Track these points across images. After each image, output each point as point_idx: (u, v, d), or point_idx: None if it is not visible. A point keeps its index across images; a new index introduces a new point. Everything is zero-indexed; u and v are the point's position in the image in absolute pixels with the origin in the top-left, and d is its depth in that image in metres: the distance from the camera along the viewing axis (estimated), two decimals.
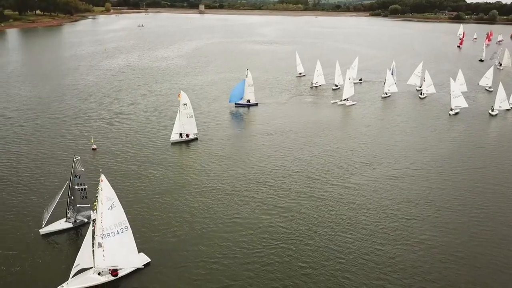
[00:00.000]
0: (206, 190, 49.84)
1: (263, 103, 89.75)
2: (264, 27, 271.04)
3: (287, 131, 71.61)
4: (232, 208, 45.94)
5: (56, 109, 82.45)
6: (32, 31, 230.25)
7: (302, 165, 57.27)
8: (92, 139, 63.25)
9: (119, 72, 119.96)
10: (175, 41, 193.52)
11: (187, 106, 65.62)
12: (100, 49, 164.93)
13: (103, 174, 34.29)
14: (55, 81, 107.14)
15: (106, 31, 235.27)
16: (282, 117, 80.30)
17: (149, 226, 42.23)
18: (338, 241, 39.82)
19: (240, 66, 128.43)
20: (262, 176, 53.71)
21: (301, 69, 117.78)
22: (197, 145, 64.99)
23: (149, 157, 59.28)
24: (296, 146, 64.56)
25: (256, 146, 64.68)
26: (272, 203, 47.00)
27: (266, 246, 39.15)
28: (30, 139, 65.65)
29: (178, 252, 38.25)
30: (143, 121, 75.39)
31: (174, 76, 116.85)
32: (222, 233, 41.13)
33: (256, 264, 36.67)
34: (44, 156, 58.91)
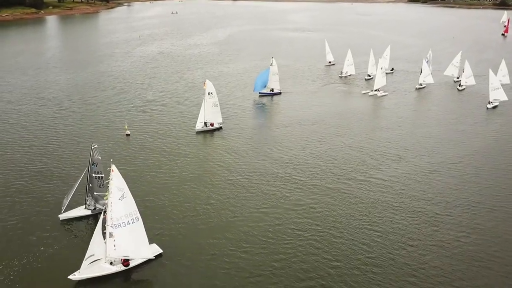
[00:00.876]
0: (227, 181, 49.86)
1: (288, 92, 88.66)
2: (296, 14, 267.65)
3: (313, 121, 70.71)
4: (254, 200, 45.72)
5: (91, 95, 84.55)
6: (70, 18, 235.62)
7: (328, 157, 56.57)
8: (126, 125, 64.71)
9: (152, 59, 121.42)
10: (208, 28, 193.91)
11: (213, 95, 65.54)
12: (135, 36, 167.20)
13: (114, 164, 34.21)
14: (91, 68, 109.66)
15: (141, 18, 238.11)
16: (308, 107, 79.18)
17: (165, 216, 42.48)
18: (366, 236, 39.38)
19: (271, 54, 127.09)
20: (286, 168, 53.35)
21: (331, 58, 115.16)
22: (221, 135, 64.96)
23: (174, 146, 59.92)
24: (322, 137, 63.76)
25: (281, 137, 64.12)
26: (297, 195, 46.68)
27: (289, 239, 38.98)
28: (65, 125, 67.71)
29: (192, 244, 38.10)
30: (173, 109, 76.32)
31: (206, 63, 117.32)
32: (242, 226, 40.86)
33: (276, 258, 36.41)
34: (79, 142, 60.62)
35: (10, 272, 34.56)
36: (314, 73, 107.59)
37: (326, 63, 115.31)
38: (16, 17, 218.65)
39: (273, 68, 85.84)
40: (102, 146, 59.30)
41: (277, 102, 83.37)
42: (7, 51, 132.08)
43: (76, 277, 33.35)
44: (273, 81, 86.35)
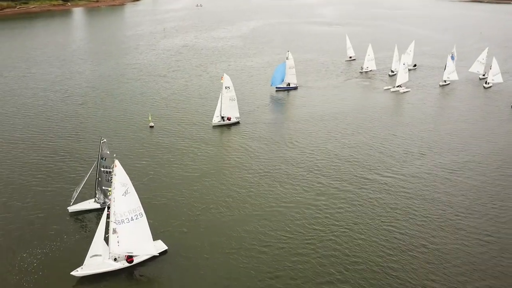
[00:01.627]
0: (242, 177, 49.63)
1: (306, 87, 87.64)
2: (324, 7, 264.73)
3: (332, 117, 69.87)
4: (269, 196, 45.42)
5: (115, 87, 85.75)
6: (96, 10, 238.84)
7: (348, 153, 55.93)
8: (150, 117, 65.50)
9: (176, 52, 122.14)
10: (232, 22, 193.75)
11: (230, 89, 65.25)
12: (159, 28, 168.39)
13: (117, 159, 33.98)
14: (115, 60, 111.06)
15: (166, 10, 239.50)
16: (326, 102, 78.21)
17: (175, 212, 42.39)
18: (386, 235, 38.83)
19: (296, 48, 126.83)
20: (303, 164, 52.87)
21: (352, 53, 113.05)
22: (238, 129, 64.76)
23: (191, 140, 60.21)
24: (342, 133, 63.08)
25: (299, 132, 63.52)
26: (315, 192, 46.28)
27: (306, 237, 38.69)
28: (89, 116, 68.81)
29: (199, 242, 37.79)
30: (195, 102, 76.68)
31: (229, 57, 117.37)
32: (255, 224, 40.47)
33: (292, 258, 36.07)
34: (104, 134, 61.60)
35: (14, 265, 34.84)
36: (334, 68, 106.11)
37: (347, 58, 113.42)
38: (43, 9, 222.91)
39: (289, 62, 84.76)
40: (126, 138, 60.48)
41: (294, 97, 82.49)
42: (34, 43, 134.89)
43: (79, 273, 33.03)
44: (290, 75, 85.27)
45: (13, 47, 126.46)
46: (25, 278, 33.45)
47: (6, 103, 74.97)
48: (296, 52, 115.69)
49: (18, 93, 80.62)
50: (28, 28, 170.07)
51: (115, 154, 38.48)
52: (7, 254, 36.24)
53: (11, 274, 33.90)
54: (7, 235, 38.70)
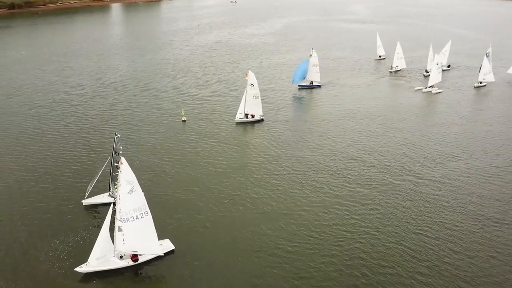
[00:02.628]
0: (263, 176, 49.19)
1: (330, 85, 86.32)
2: (357, 4, 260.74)
3: (358, 116, 68.56)
4: (291, 196, 44.91)
5: (148, 82, 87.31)
6: (133, 6, 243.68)
7: (376, 154, 54.76)
8: (183, 112, 66.47)
9: (210, 49, 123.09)
10: (266, 18, 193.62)
11: (254, 86, 64.86)
12: (194, 24, 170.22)
13: (123, 157, 33.85)
14: (150, 55, 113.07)
15: (201, 7, 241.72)
16: (352, 101, 76.68)
17: (188, 209, 42.24)
18: (416, 239, 37.86)
19: (326, 45, 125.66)
20: (328, 165, 52.08)
21: (382, 52, 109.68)
22: (262, 127, 64.48)
23: (218, 136, 60.55)
24: (369, 133, 61.78)
25: (323, 132, 62.51)
26: (339, 194, 45.55)
27: (328, 239, 38.16)
28: (123, 110, 70.40)
29: (210, 242, 37.42)
30: (225, 99, 77.10)
31: (261, 53, 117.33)
32: (270, 225, 39.81)
33: (312, 261, 35.49)
34: (138, 128, 62.95)
35: (23, 256, 35.52)
36: (362, 67, 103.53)
37: (376, 57, 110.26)
38: (83, 5, 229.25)
39: (313, 60, 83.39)
40: (159, 131, 61.55)
41: (318, 96, 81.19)
42: (73, 37, 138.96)
43: (83, 270, 33.03)
44: (313, 73, 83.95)
45: (53, 41, 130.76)
46: (31, 271, 33.91)
47: (45, 95, 77.63)
48: (324, 49, 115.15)
49: (56, 86, 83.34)
50: (68, 23, 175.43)
51: (120, 152, 38.01)
52: (18, 245, 37.12)
53: (19, 265, 34.58)
54: (22, 226, 39.66)
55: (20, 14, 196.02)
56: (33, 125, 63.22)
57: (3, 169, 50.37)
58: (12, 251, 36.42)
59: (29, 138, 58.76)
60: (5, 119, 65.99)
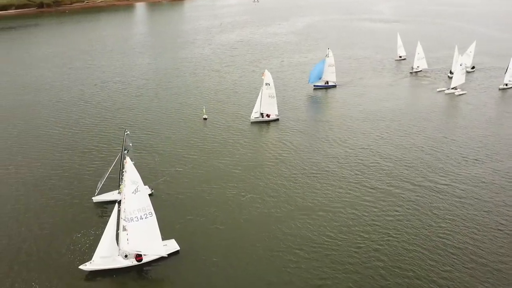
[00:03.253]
0: (275, 176, 48.91)
1: (346, 85, 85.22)
2: (382, 4, 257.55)
3: (376, 117, 67.51)
4: (307, 197, 44.49)
5: (170, 80, 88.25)
6: (157, 5, 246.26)
7: (393, 157, 53.83)
8: (204, 110, 66.97)
9: (231, 48, 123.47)
10: (288, 17, 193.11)
11: (270, 86, 64.55)
12: (216, 23, 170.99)
13: (128, 156, 33.91)
14: (172, 54, 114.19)
15: (223, 5, 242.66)
16: (369, 102, 75.43)
17: (198, 210, 42.12)
18: (437, 245, 37.20)
19: (348, 44, 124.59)
20: (345, 166, 51.48)
21: (402, 52, 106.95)
22: (277, 127, 64.13)
23: (236, 134, 60.73)
24: (387, 134, 60.86)
25: (341, 132, 61.87)
26: (356, 196, 45.01)
27: (342, 244, 37.72)
28: (146, 108, 71.38)
29: (217, 243, 37.19)
30: (245, 97, 77.31)
31: (283, 53, 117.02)
32: (280, 227, 39.45)
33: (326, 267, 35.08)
34: (158, 125, 63.78)
35: (30, 251, 36.09)
36: (381, 67, 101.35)
37: (397, 58, 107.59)
38: (108, 4, 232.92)
39: (329, 60, 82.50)
40: (180, 129, 62.25)
41: (333, 96, 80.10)
42: (97, 35, 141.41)
43: (87, 268, 33.30)
44: (329, 73, 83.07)
45: (79, 40, 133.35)
46: (36, 266, 34.49)
47: (69, 92, 79.32)
48: (345, 49, 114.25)
49: (80, 84, 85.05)
50: (93, 21, 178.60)
51: (126, 151, 37.79)
52: (26, 239, 37.82)
53: (25, 260, 35.18)
54: (32, 221, 40.43)
55: (48, 13, 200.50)
56: (55, 121, 64.80)
57: (22, 163, 51.77)
58: (20, 245, 37.07)
59: (51, 134, 60.31)
60: (31, 114, 67.69)
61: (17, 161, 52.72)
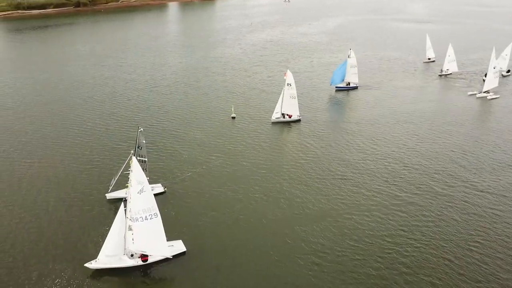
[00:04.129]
0: (296, 178, 48.36)
1: (369, 87, 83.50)
2: (416, 4, 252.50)
3: (400, 120, 65.97)
4: (325, 201, 43.80)
5: (199, 79, 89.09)
6: (189, 4, 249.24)
7: (419, 161, 52.33)
8: (233, 109, 67.53)
9: (261, 47, 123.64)
10: (319, 17, 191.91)
11: (291, 86, 64.02)
12: (246, 23, 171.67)
13: (134, 156, 33.61)
14: (202, 53, 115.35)
15: (254, 5, 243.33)
16: (393, 104, 73.72)
17: (213, 211, 41.72)
18: (465, 256, 36.13)
19: (378, 45, 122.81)
20: (367, 169, 50.50)
21: (431, 54, 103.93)
22: (299, 128, 63.58)
23: (256, 134, 60.63)
24: (412, 138, 59.34)
25: (363, 135, 60.74)
26: (379, 199, 44.16)
27: (364, 251, 36.98)
28: (175, 105, 72.41)
29: (226, 245, 36.65)
30: (272, 98, 76.81)
31: (313, 53, 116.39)
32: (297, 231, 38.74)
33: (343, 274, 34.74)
34: (188, 123, 64.65)
35: (39, 246, 36.53)
36: (409, 69, 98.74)
37: (425, 59, 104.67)
38: (142, 3, 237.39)
39: (351, 61, 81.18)
40: (208, 127, 62.99)
41: (356, 97, 78.58)
42: (130, 34, 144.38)
43: (92, 266, 33.37)
44: (351, 74, 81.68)
45: (112, 38, 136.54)
46: (43, 262, 34.94)
47: (99, 90, 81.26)
48: (374, 50, 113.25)
49: (112, 81, 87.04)
50: (127, 20, 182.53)
51: (132, 151, 37.10)
52: (36, 233, 38.49)
53: (33, 255, 35.65)
54: (45, 215, 41.22)
55: (85, 11, 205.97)
56: (83, 117, 66.43)
57: (44, 156, 53.24)
58: (29, 238, 37.75)
59: (77, 128, 62.06)
60: (60, 110, 69.73)
61: (39, 154, 54.09)
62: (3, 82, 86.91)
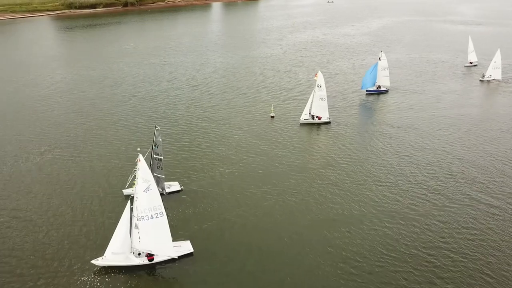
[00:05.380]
0: (320, 182, 47.39)
1: (401, 90, 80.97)
2: (466, 4, 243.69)
3: (435, 126, 63.53)
4: (352, 206, 42.74)
5: (238, 79, 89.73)
6: (233, 5, 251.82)
7: (455, 169, 50.35)
8: (272, 108, 67.80)
9: (302, 48, 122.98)
10: (363, 18, 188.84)
11: (321, 88, 63.00)
12: (288, 23, 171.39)
13: (141, 154, 33.27)
14: (243, 53, 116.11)
15: (297, 6, 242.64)
16: (428, 109, 70.97)
17: (225, 213, 41.18)
18: (507, 274, 34.38)
19: (420, 47, 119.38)
20: (402, 173, 49.19)
21: (473, 58, 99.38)
22: (328, 130, 62.50)
23: (280, 136, 60.02)
24: (447, 145, 56.93)
25: (397, 139, 59.20)
26: (413, 207, 42.73)
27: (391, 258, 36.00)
28: (213, 104, 73.28)
29: (234, 249, 36.07)
30: (303, 99, 76.56)
31: (354, 54, 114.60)
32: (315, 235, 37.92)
33: None
34: (227, 122, 65.34)
35: (50, 239, 37.16)
36: (447, 73, 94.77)
37: (467, 64, 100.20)
38: (187, 3, 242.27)
39: (382, 63, 78.73)
40: (247, 125, 63.54)
41: (388, 101, 76.19)
42: (174, 33, 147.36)
43: (99, 263, 33.46)
44: (382, 77, 79.24)
45: (156, 37, 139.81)
46: (51, 255, 35.57)
47: (142, 88, 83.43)
48: (413, 52, 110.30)
49: (154, 80, 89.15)
50: (171, 20, 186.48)
51: (139, 148, 36.25)
52: (49, 226, 39.29)
53: (44, 248, 36.38)
54: (60, 208, 42.17)
55: (132, 11, 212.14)
56: (125, 114, 68.27)
57: (82, 152, 54.91)
58: (43, 231, 38.63)
59: (117, 125, 63.70)
60: (105, 107, 72.13)
61: (79, 148, 55.87)
62: (54, 78, 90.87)
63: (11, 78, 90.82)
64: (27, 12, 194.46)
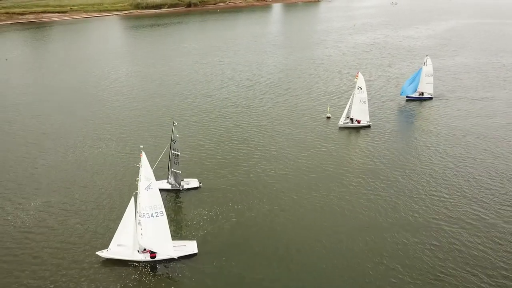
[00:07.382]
0: (351, 189, 45.74)
1: (446, 98, 76.11)
2: None
3: (483, 136, 59.40)
4: (391, 213, 40.88)
5: (294, 80, 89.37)
6: (293, 6, 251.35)
7: (499, 182, 46.84)
8: (329, 108, 67.09)
9: (361, 50, 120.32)
10: (428, 21, 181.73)
11: (362, 90, 60.56)
12: (349, 25, 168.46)
13: (143, 151, 33.06)
14: (300, 54, 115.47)
15: (358, 7, 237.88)
16: (476, 119, 66.18)
17: (239, 214, 40.50)
18: None
19: (483, 51, 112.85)
20: (447, 181, 46.67)
21: None
22: (368, 135, 60.13)
23: (312, 138, 58.98)
24: (494, 156, 53.19)
25: (442, 147, 56.10)
26: (454, 219, 40.44)
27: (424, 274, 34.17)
28: (269, 105, 73.43)
29: (242, 252, 35.22)
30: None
31: (415, 58, 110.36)
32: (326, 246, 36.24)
33: None
34: (279, 123, 65.38)
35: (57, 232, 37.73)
36: (502, 80, 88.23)
37: None
38: (248, 4, 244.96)
39: (427, 69, 74.18)
40: (301, 125, 63.29)
41: (430, 108, 71.98)
42: (233, 34, 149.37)
43: (104, 255, 33.84)
44: (425, 83, 74.68)
45: (216, 37, 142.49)
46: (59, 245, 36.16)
47: (198, 87, 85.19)
48: (472, 57, 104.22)
49: (211, 79, 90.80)
50: (231, 20, 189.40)
51: (142, 146, 35.89)
52: (59, 217, 40.14)
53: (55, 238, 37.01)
54: (78, 201, 43.05)
55: (194, 11, 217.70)
56: (180, 112, 69.88)
57: (131, 148, 55.85)
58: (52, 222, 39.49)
59: (170, 124, 65.30)
60: (163, 104, 74.42)
61: (129, 144, 57.08)
62: (118, 75, 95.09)
63: (79, 72, 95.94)
64: (98, 12, 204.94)
